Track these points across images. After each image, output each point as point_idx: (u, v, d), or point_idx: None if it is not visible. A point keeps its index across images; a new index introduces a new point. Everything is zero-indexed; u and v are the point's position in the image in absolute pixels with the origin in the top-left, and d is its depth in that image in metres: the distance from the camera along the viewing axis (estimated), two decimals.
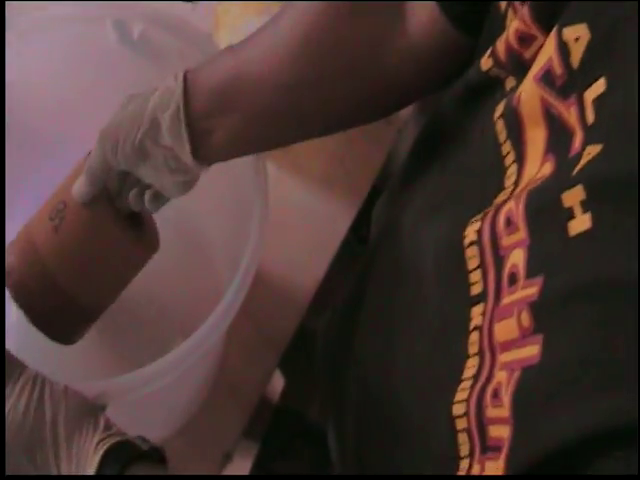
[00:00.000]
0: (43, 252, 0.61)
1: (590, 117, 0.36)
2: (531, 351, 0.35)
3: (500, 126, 0.43)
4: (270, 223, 0.74)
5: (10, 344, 0.48)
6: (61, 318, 0.64)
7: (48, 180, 0.68)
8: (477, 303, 0.41)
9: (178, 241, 0.78)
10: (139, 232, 0.64)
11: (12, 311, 0.73)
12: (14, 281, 0.62)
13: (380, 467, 0.53)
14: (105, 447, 0.43)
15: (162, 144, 0.54)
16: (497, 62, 0.44)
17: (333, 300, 0.68)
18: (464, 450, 0.40)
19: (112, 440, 0.44)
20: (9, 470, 0.44)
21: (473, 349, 0.41)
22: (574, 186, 0.35)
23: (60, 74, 0.68)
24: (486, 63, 0.45)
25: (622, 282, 0.32)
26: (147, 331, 0.75)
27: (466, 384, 0.41)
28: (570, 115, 0.38)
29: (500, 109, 0.44)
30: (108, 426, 0.45)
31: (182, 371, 0.52)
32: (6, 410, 0.44)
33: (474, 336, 0.41)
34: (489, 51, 0.45)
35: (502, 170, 0.43)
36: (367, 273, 0.60)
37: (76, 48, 0.67)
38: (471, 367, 0.41)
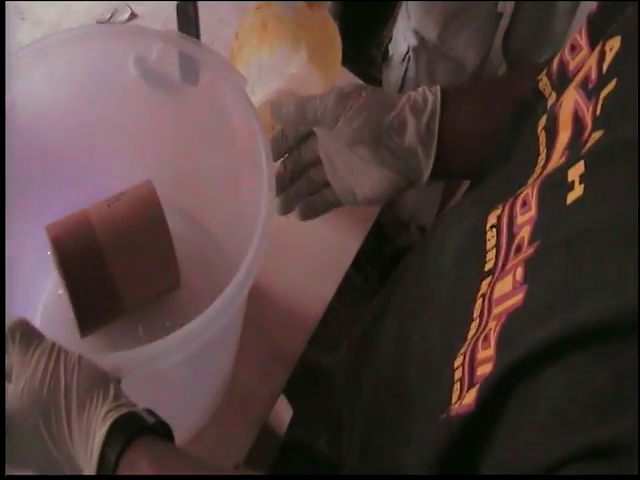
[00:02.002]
0: (94, 221, 0.67)
1: (598, 111, 0.41)
2: (517, 299, 0.39)
3: (542, 137, 0.48)
4: (281, 246, 0.76)
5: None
6: (95, 297, 0.67)
7: (69, 204, 0.71)
8: (487, 276, 0.45)
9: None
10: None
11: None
12: (63, 245, 0.66)
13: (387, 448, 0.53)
14: (113, 418, 0.45)
15: (402, 143, 0.58)
16: (549, 77, 0.51)
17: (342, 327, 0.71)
18: (455, 397, 0.43)
19: (120, 411, 0.45)
20: (26, 436, 0.46)
21: (477, 313, 0.45)
22: (577, 162, 0.40)
23: (81, 102, 0.71)
24: (542, 82, 0.52)
25: (594, 234, 0.36)
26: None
27: (467, 343, 0.44)
28: (587, 113, 0.43)
29: (543, 122, 0.49)
30: (118, 396, 0.47)
31: (197, 348, 0.52)
32: (24, 378, 0.46)
33: (479, 303, 0.45)
34: (545, 71, 0.52)
35: (531, 171, 0.48)
36: (393, 289, 0.64)
37: (97, 77, 0.70)
38: (473, 329, 0.44)
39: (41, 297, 0.78)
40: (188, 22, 0.71)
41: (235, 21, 0.82)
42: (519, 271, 0.41)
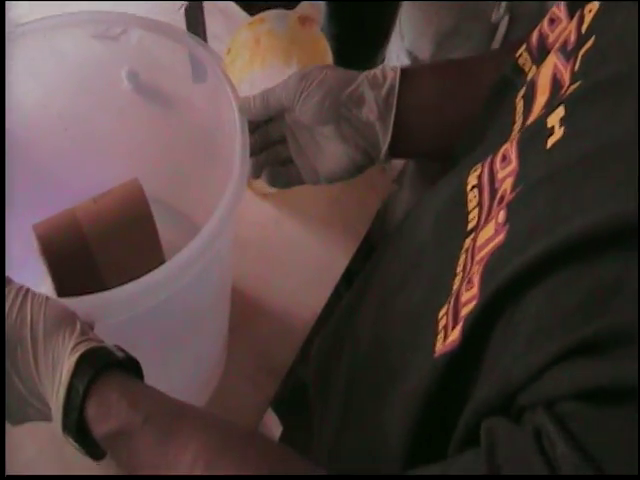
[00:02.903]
0: (81, 217, 0.67)
1: (577, 67, 0.42)
2: (499, 239, 0.40)
3: (520, 106, 0.49)
4: (271, 260, 0.76)
5: None
6: (83, 292, 0.66)
7: (55, 207, 0.71)
8: (470, 234, 0.45)
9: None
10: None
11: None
12: (47, 241, 0.66)
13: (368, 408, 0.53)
14: (81, 351, 0.45)
15: (361, 116, 0.59)
16: (529, 51, 0.51)
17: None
18: (439, 343, 0.43)
19: (88, 345, 0.45)
20: None
21: (460, 268, 0.45)
22: (557, 108, 0.40)
23: (74, 113, 0.72)
24: (522, 57, 0.52)
25: (575, 165, 0.37)
26: None
27: (452, 295, 0.44)
28: (566, 72, 0.43)
29: (522, 92, 0.49)
30: (85, 331, 0.46)
31: (173, 296, 0.51)
32: None
33: (462, 258, 0.45)
34: (524, 46, 0.52)
35: (507, 135, 0.48)
36: (370, 275, 0.63)
37: (91, 89, 0.71)
38: (457, 282, 0.45)
39: None
40: (196, 24, 0.72)
41: (228, 36, 0.82)
42: (501, 214, 0.41)
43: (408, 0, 1.08)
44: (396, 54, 1.14)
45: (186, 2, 0.74)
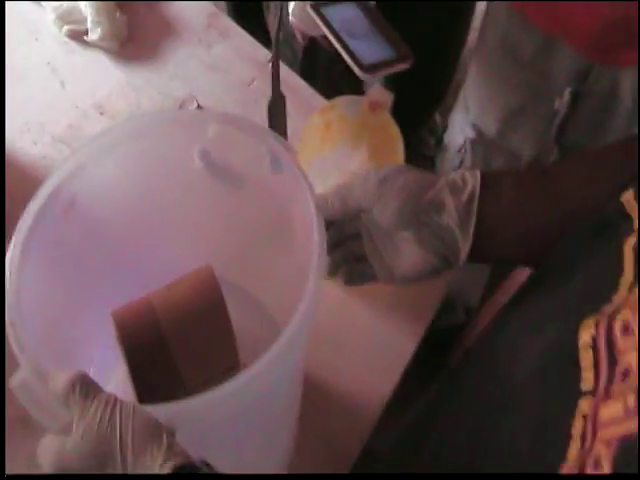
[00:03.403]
0: (156, 305, 0.69)
1: None
2: (630, 427, 0.39)
3: (630, 257, 0.47)
4: (338, 344, 0.76)
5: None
6: (157, 379, 0.69)
7: (131, 290, 0.72)
8: (586, 396, 0.44)
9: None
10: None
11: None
12: (125, 328, 0.68)
13: None
14: (169, 468, 0.46)
15: (441, 222, 0.59)
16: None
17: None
18: None
19: (176, 460, 0.46)
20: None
21: (576, 432, 0.44)
22: None
23: (147, 193, 0.74)
24: (629, 203, 0.50)
25: None
26: None
27: (570, 464, 0.43)
28: None
29: (632, 241, 0.47)
30: (171, 445, 0.48)
31: (255, 395, 0.53)
32: (83, 426, 0.48)
33: (579, 423, 0.44)
34: (631, 192, 0.50)
35: (614, 287, 0.47)
36: (450, 386, 0.63)
37: (162, 168, 0.73)
38: (574, 449, 0.43)
39: (108, 381, 0.80)
40: (278, 118, 0.73)
41: (302, 118, 0.84)
42: (631, 398, 0.40)
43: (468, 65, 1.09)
44: (460, 125, 1.16)
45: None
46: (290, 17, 0.83)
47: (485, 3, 1.07)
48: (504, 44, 0.98)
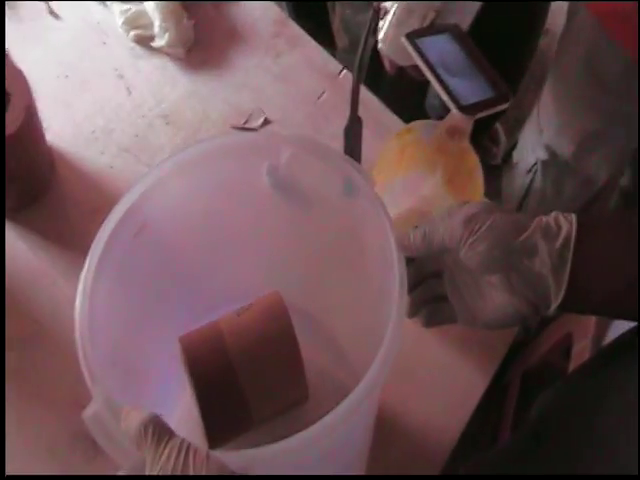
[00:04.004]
0: (225, 333, 0.67)
1: None
2: None
3: None
4: (409, 378, 0.74)
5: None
6: (225, 408, 0.67)
7: (197, 313, 0.73)
8: None
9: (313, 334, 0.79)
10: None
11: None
12: (192, 353, 0.67)
13: None
14: None
15: (533, 268, 0.56)
16: None
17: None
18: None
19: None
20: None
21: None
22: None
23: (213, 212, 0.73)
24: None
25: None
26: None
27: None
28: None
29: None
30: None
31: (330, 444, 0.51)
32: (155, 472, 0.47)
33: None
34: None
35: None
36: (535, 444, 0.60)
37: (232, 190, 0.71)
38: None
39: (173, 409, 0.79)
40: (354, 143, 0.72)
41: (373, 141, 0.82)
42: None
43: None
44: (531, 146, 1.12)
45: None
46: (380, 45, 0.80)
47: (565, 17, 1.04)
48: (587, 63, 0.94)
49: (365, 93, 1.02)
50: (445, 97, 0.70)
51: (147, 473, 0.48)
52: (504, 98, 0.71)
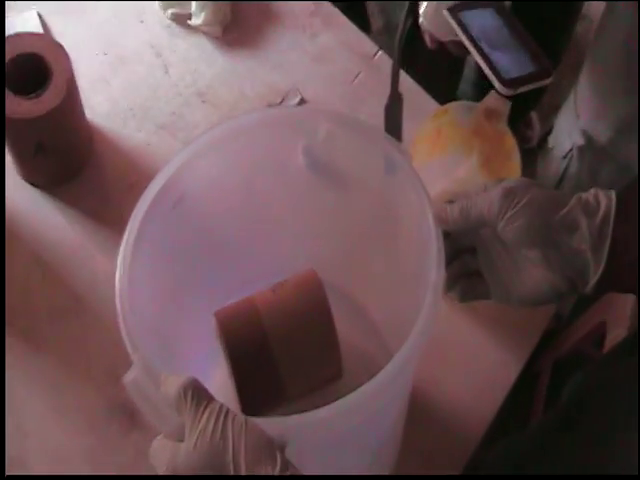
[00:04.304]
0: (260, 308, 0.68)
1: None
2: None
3: None
4: (441, 359, 0.75)
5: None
6: (260, 384, 0.68)
7: (231, 288, 0.74)
8: None
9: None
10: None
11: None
12: (228, 328, 0.67)
13: None
14: None
15: (572, 244, 0.56)
16: None
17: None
18: None
19: None
20: None
21: None
22: None
23: (249, 188, 0.73)
24: None
25: None
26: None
27: None
28: None
29: None
30: (285, 465, 0.47)
31: (366, 415, 0.52)
32: (195, 436, 0.48)
33: None
34: None
35: None
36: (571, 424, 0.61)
37: (268, 165, 0.72)
38: None
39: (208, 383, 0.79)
40: (394, 121, 0.72)
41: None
42: None
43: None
44: (567, 130, 1.11)
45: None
46: (421, 19, 0.80)
47: (603, 3, 1.02)
48: (626, 48, 0.93)
49: (401, 74, 1.02)
50: (487, 71, 0.70)
51: (186, 437, 0.48)
52: (546, 73, 0.71)
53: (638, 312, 0.93)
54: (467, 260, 0.65)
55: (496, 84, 0.69)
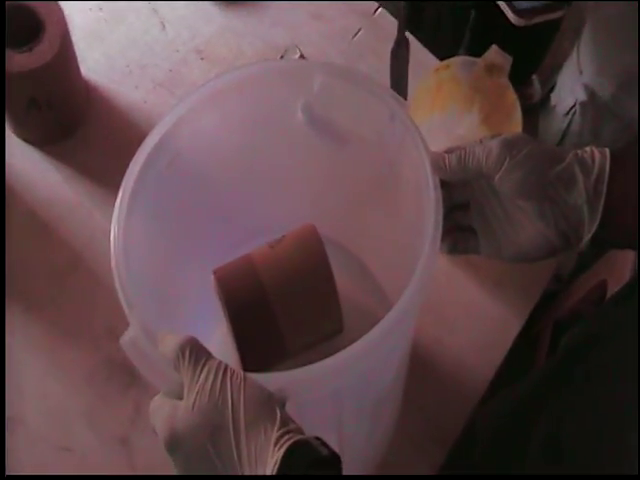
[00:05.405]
0: (258, 264, 0.67)
1: None
2: None
3: None
4: (442, 318, 0.74)
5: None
6: (260, 340, 0.68)
7: (231, 244, 0.73)
8: None
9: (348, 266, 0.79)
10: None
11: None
12: (227, 286, 0.67)
13: None
14: (285, 447, 0.44)
15: (568, 199, 0.56)
16: None
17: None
18: None
19: (293, 438, 0.45)
20: (194, 453, 0.47)
21: None
22: None
23: (250, 146, 0.72)
24: None
25: None
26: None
27: None
28: None
29: None
30: (285, 420, 0.46)
31: (366, 368, 0.52)
32: (194, 393, 0.47)
33: None
34: None
35: None
36: (566, 371, 0.61)
37: (265, 120, 0.70)
38: None
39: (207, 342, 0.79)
40: (400, 67, 0.71)
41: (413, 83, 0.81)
42: None
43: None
44: (570, 86, 1.10)
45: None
46: None
47: None
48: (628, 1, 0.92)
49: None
50: (502, 3, 0.69)
51: (185, 395, 0.48)
52: (559, 4, 0.71)
53: (637, 259, 0.93)
54: (458, 216, 0.65)
55: (509, 14, 0.69)
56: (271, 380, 0.50)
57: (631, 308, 0.58)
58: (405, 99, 0.75)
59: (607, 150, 0.57)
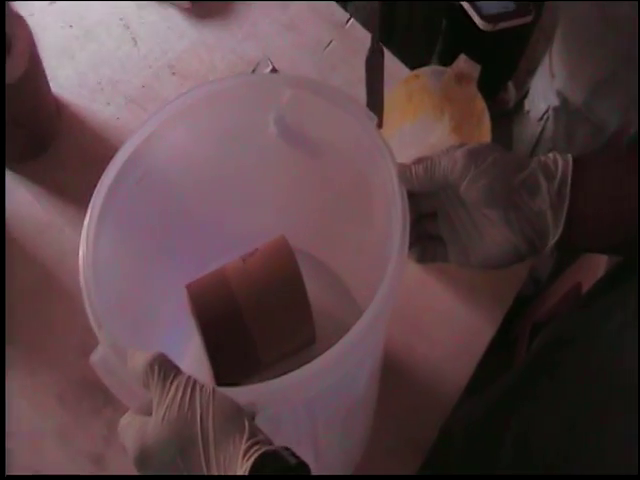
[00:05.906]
0: (231, 278, 0.68)
1: None
2: None
3: None
4: (416, 326, 0.74)
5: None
6: (233, 353, 0.68)
7: (204, 258, 0.74)
8: None
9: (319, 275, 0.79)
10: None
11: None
12: (200, 301, 0.67)
13: None
14: (253, 458, 0.44)
15: (532, 205, 0.57)
16: None
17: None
18: None
19: (261, 449, 0.45)
20: (163, 468, 0.46)
21: None
22: None
23: (220, 158, 0.72)
24: None
25: None
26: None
27: None
28: None
29: None
30: (254, 432, 0.46)
31: (337, 378, 0.52)
32: (163, 408, 0.47)
33: None
34: None
35: None
36: (537, 371, 0.61)
37: (236, 134, 0.70)
38: None
39: (181, 357, 0.79)
40: (374, 76, 0.71)
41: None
42: None
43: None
44: (543, 92, 1.11)
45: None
46: None
47: None
48: (597, 4, 0.93)
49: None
50: (468, 7, 0.70)
51: (154, 412, 0.48)
52: (526, 12, 0.72)
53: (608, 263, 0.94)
54: (426, 225, 0.66)
55: (476, 19, 0.70)
56: (241, 394, 0.49)
57: (597, 310, 0.58)
58: (382, 107, 0.75)
59: (569, 156, 0.57)
